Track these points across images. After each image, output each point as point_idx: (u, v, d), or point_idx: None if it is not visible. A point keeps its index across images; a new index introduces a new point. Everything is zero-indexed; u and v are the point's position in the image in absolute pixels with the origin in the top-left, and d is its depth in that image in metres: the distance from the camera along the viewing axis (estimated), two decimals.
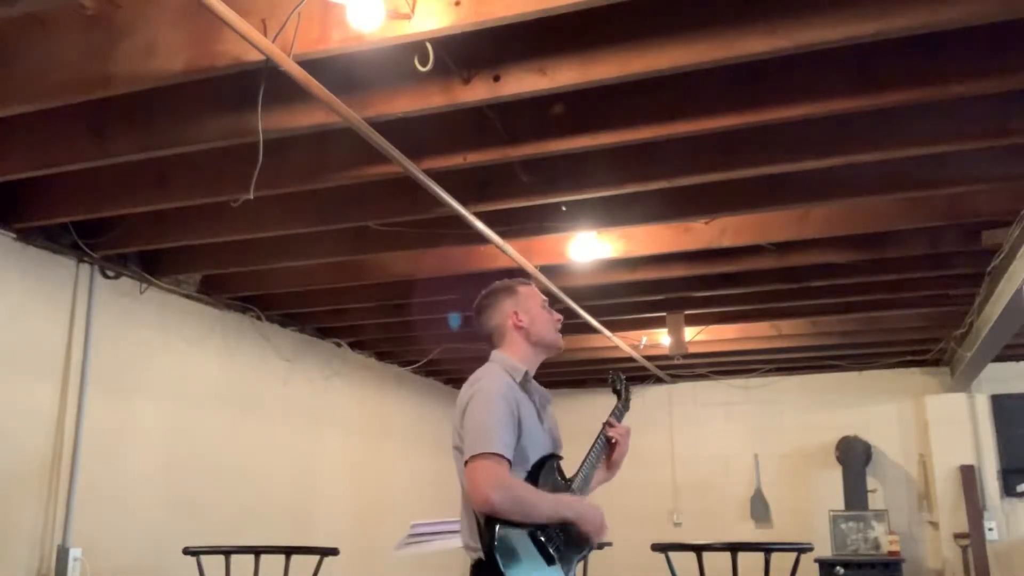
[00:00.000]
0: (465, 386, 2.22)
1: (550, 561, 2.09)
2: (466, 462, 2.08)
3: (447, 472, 2.32)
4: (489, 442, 2.05)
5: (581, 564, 4.54)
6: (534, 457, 2.18)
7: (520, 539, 2.07)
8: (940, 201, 3.71)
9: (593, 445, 2.44)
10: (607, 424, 2.50)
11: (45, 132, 3.04)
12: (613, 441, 2.45)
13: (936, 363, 7.21)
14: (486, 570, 2.04)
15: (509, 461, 2.07)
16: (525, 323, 2.34)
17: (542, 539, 2.08)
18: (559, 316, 2.45)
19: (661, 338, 5.95)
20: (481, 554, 2.07)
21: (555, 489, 2.23)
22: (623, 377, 2.71)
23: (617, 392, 2.67)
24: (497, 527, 2.03)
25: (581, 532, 2.16)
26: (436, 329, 5.72)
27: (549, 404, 2.39)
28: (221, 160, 3.22)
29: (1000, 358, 6.27)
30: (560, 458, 2.31)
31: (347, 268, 4.69)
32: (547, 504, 2.12)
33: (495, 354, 2.34)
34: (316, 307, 5.36)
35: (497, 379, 2.21)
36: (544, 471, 2.20)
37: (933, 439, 7.04)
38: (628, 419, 2.66)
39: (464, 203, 3.38)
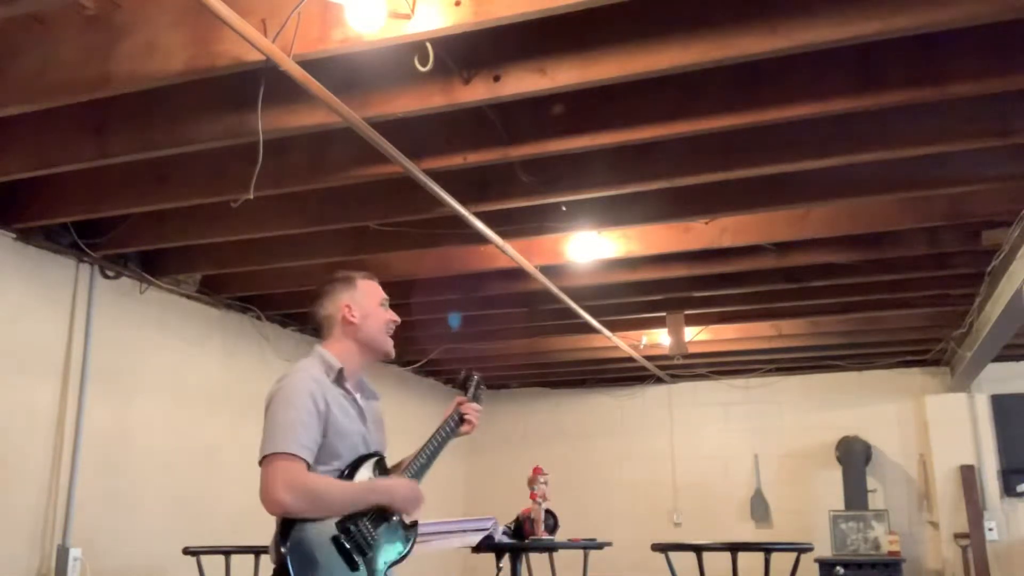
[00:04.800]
0: (273, 383, 2.13)
1: (353, 567, 1.98)
2: (260, 462, 1.98)
3: (447, 472, 2.32)
4: (284, 441, 1.96)
5: (581, 564, 4.55)
6: (350, 456, 2.09)
7: (320, 544, 1.95)
8: (940, 201, 3.72)
9: (436, 434, 2.32)
10: (452, 419, 2.37)
11: (45, 132, 3.05)
12: (466, 417, 2.37)
13: (936, 363, 7.20)
14: None
15: (307, 462, 1.98)
16: (356, 318, 2.24)
17: (346, 545, 1.98)
18: (396, 318, 2.34)
19: (661, 338, 5.95)
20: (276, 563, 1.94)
21: None
22: (476, 375, 2.57)
23: (465, 388, 2.53)
24: (292, 532, 1.92)
25: (399, 513, 2.08)
26: (436, 329, 5.72)
27: (376, 401, 2.31)
28: (221, 160, 3.22)
29: (1000, 358, 6.27)
30: (382, 456, 2.22)
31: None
32: (349, 493, 2.03)
33: (315, 348, 2.24)
34: None
35: (304, 375, 2.10)
36: (361, 470, 2.11)
37: (933, 439, 7.04)
38: (631, 417, 2.66)
39: (464, 203, 3.38)
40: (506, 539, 3.82)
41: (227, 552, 3.55)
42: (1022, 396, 6.90)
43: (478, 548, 3.73)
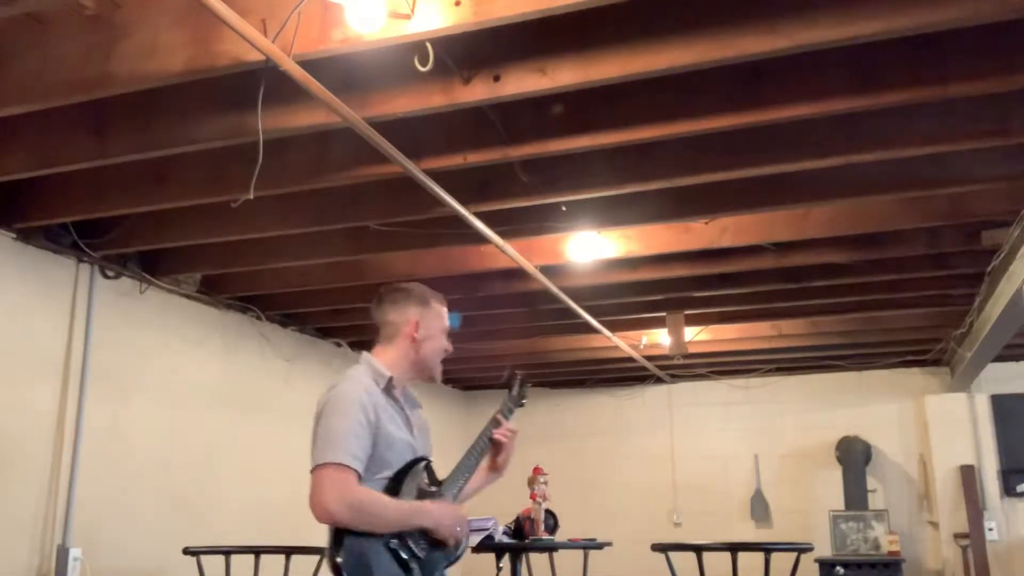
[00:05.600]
0: (325, 390, 2.15)
1: (408, 572, 2.03)
2: (312, 470, 2.01)
3: (447, 471, 2.32)
4: (336, 451, 1.99)
5: (581, 564, 4.55)
6: (398, 463, 2.12)
7: (373, 549, 2.00)
8: (940, 201, 3.71)
9: (474, 445, 2.34)
10: (494, 421, 2.38)
11: (45, 132, 3.05)
12: (499, 441, 2.35)
13: (936, 363, 7.20)
14: None
15: (358, 473, 2.00)
16: (420, 337, 2.27)
17: (397, 548, 2.01)
18: (451, 347, 2.37)
19: (661, 338, 5.95)
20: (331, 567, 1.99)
21: (420, 495, 2.15)
22: (519, 374, 2.60)
23: (509, 387, 2.55)
24: (346, 539, 1.97)
25: (439, 539, 2.10)
26: None
27: (418, 408, 2.33)
28: (221, 160, 3.22)
29: (1000, 358, 6.27)
30: (429, 461, 2.24)
31: (346, 268, 4.69)
32: (396, 512, 2.05)
33: (364, 356, 2.27)
34: (316, 307, 5.36)
35: (355, 384, 2.13)
36: (409, 476, 2.13)
37: (933, 439, 7.04)
38: (631, 417, 2.64)
39: (464, 203, 3.38)
40: (506, 539, 3.83)
41: (227, 552, 3.55)
42: (1022, 396, 6.91)
43: (478, 548, 3.74)
